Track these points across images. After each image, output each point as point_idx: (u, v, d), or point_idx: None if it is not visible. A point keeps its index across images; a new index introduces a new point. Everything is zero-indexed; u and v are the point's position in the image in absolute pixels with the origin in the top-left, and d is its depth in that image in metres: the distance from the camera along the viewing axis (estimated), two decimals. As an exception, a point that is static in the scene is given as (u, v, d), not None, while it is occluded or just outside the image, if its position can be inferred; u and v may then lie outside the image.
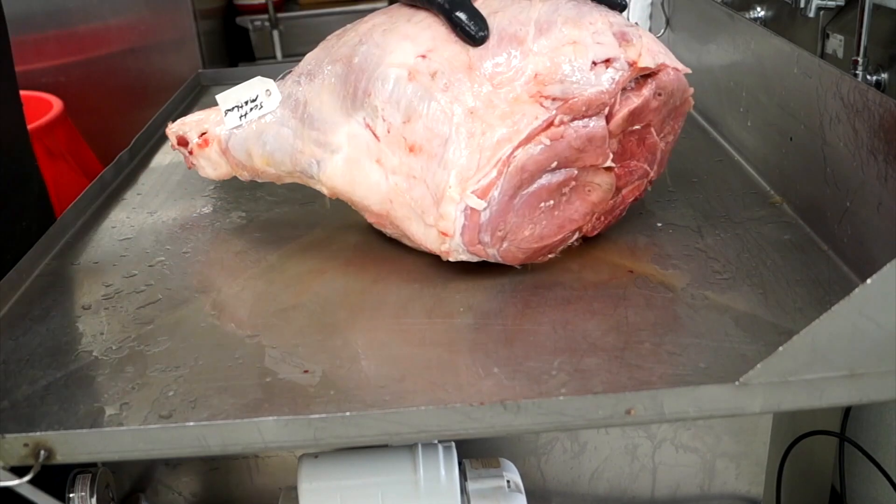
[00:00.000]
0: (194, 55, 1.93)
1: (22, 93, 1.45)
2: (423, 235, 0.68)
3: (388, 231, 0.74)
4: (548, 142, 0.65)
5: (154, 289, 0.73)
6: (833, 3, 1.02)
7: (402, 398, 0.56)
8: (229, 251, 0.78)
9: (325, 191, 0.75)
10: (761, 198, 0.82)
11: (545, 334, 0.62)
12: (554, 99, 0.65)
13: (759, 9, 1.22)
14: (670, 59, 0.69)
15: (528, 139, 0.64)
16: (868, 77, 0.94)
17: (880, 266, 0.49)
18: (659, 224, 0.77)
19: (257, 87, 0.75)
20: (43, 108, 1.43)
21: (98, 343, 0.66)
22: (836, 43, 1.03)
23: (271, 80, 0.76)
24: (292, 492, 0.67)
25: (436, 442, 0.67)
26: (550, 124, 0.65)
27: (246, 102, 0.76)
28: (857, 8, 0.91)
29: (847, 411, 0.85)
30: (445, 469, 0.65)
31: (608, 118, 0.67)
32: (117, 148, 1.04)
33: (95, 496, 0.63)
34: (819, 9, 1.03)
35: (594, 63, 0.66)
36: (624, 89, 0.68)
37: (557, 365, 0.58)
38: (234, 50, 2.20)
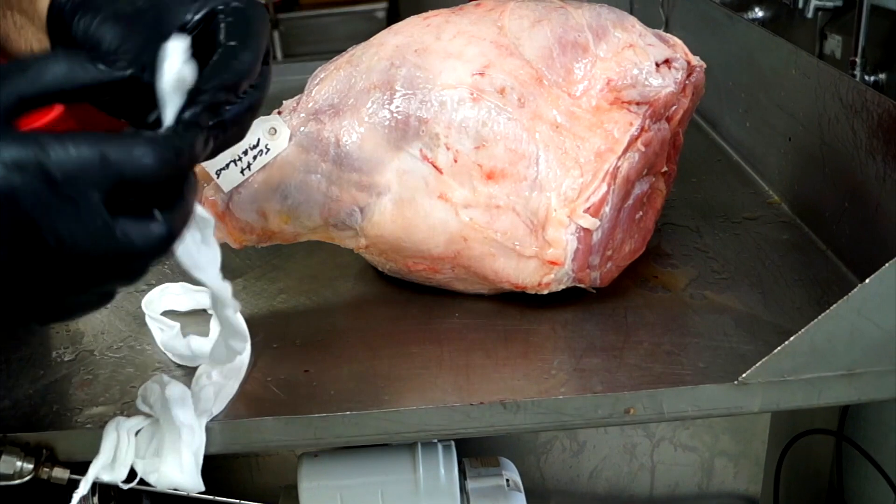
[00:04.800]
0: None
1: (22, 92, 1.45)
2: (515, 270, 0.62)
3: (439, 279, 0.66)
4: (643, 148, 0.63)
5: (154, 288, 0.73)
6: (831, 3, 1.02)
7: (402, 398, 0.56)
8: (230, 251, 0.78)
9: (361, 243, 0.66)
10: (760, 198, 0.82)
11: (544, 334, 0.63)
12: (638, 104, 0.63)
13: (757, 9, 1.22)
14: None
15: (628, 147, 0.62)
16: (866, 77, 0.94)
17: (878, 266, 0.49)
18: (658, 224, 0.77)
19: (256, 129, 0.62)
20: (44, 108, 1.43)
21: (99, 342, 0.66)
22: (834, 43, 1.03)
23: (275, 116, 0.64)
24: (293, 491, 0.67)
25: (435, 441, 0.67)
26: (643, 130, 0.63)
27: (245, 152, 0.62)
28: (855, 9, 0.92)
29: (845, 410, 0.85)
30: (445, 468, 0.66)
31: (668, 120, 0.66)
32: (117, 148, 1.04)
33: (97, 496, 0.63)
34: (817, 9, 1.03)
35: (657, 64, 0.64)
36: None
37: (557, 364, 0.58)
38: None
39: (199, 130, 0.41)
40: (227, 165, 0.63)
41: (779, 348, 0.52)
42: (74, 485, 0.54)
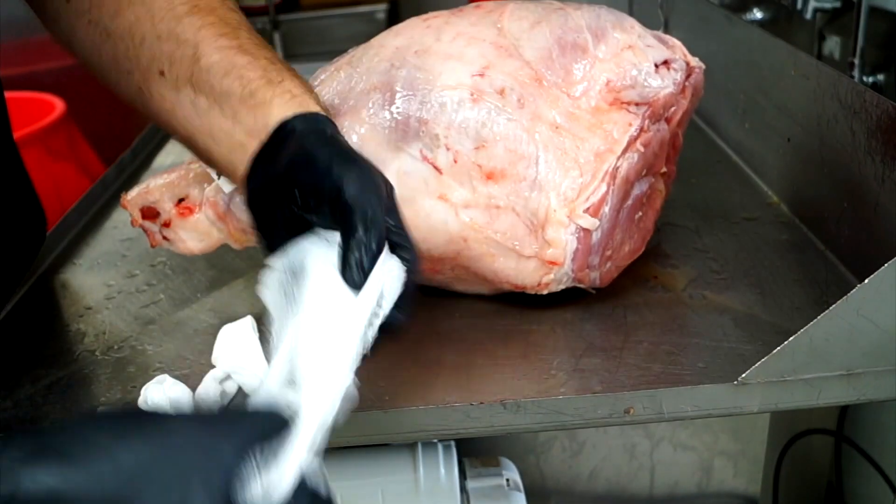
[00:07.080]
0: (194, 56, 1.93)
1: (25, 94, 1.45)
2: (515, 270, 0.62)
3: (439, 279, 0.66)
4: (642, 149, 0.63)
5: (155, 289, 0.73)
6: (830, 4, 1.02)
7: (402, 398, 0.56)
8: (231, 251, 0.79)
9: None
10: (759, 198, 0.82)
11: (544, 334, 0.63)
12: (637, 104, 0.63)
13: (756, 11, 1.22)
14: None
15: (627, 148, 0.62)
16: (865, 78, 0.94)
17: (877, 266, 0.49)
18: (657, 224, 0.77)
19: None
20: (45, 109, 1.43)
21: (100, 342, 0.66)
22: (832, 44, 1.03)
23: None
24: (293, 490, 0.67)
25: (435, 441, 0.67)
26: (642, 130, 0.63)
27: None
28: (853, 10, 0.92)
29: (843, 410, 0.85)
30: (445, 468, 0.66)
31: (667, 120, 0.66)
32: (119, 149, 1.04)
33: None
34: (816, 10, 1.03)
35: (656, 65, 0.64)
36: None
37: (556, 364, 0.58)
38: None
39: None
40: None
41: (778, 348, 0.52)
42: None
